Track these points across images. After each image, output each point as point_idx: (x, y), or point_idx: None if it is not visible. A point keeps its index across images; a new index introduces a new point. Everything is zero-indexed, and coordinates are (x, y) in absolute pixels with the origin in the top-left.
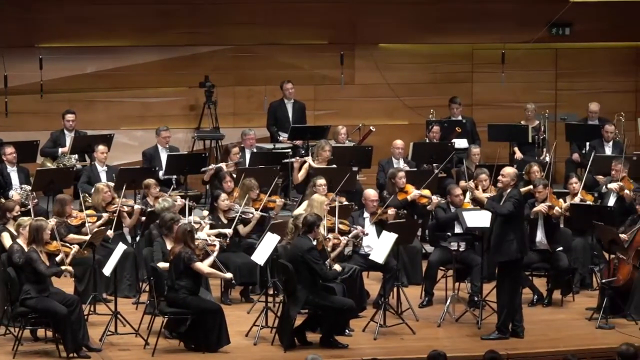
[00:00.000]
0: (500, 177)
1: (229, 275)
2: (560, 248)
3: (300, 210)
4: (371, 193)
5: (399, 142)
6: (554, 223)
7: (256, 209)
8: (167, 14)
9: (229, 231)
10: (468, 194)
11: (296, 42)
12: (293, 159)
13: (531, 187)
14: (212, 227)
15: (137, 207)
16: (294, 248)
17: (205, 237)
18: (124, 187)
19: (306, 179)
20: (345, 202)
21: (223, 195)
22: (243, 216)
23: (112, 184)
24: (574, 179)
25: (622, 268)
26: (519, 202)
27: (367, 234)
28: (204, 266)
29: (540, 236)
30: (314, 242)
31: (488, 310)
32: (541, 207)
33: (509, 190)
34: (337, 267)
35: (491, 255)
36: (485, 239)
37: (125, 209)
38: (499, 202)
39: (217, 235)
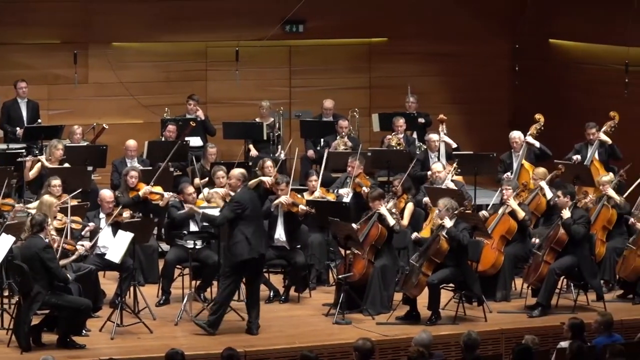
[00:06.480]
0: (227, 180)
1: None
2: (299, 245)
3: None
4: (107, 194)
5: (130, 144)
6: (297, 221)
7: None
8: None
9: None
10: (203, 193)
11: (29, 42)
12: (26, 158)
13: (263, 179)
14: None
15: None
16: (27, 248)
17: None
18: None
19: (39, 178)
20: (76, 202)
21: None
22: None
23: None
24: (314, 177)
25: (357, 263)
26: (237, 206)
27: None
28: None
29: (279, 232)
30: (47, 241)
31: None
32: (282, 199)
33: (233, 194)
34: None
35: (225, 258)
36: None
37: None
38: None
39: None
